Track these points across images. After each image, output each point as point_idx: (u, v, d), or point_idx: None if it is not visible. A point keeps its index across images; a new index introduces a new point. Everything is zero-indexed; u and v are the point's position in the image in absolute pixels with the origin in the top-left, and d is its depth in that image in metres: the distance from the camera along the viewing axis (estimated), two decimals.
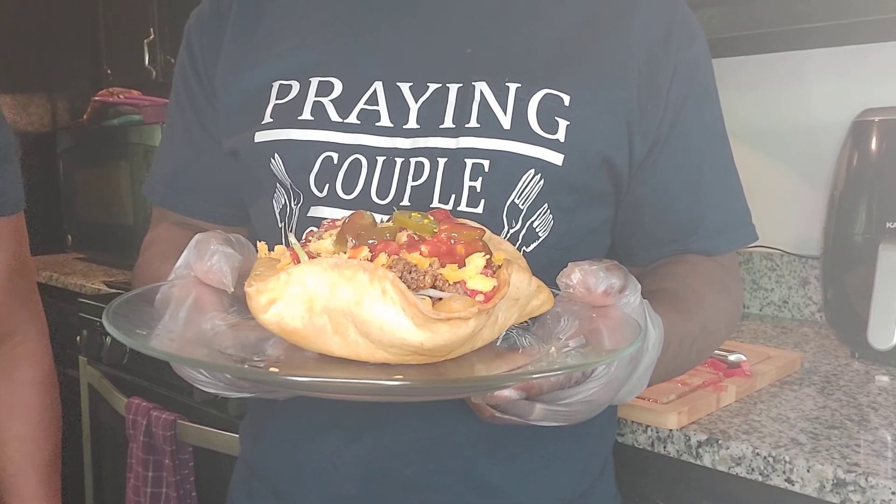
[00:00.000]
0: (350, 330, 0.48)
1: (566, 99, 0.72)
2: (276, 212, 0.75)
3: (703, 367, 1.10)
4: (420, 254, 0.51)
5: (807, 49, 1.50)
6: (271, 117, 0.74)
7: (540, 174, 0.71)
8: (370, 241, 0.51)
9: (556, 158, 0.71)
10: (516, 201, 0.71)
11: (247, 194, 0.81)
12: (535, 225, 0.72)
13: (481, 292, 0.50)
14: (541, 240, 0.72)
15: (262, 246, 0.58)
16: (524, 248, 0.72)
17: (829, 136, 1.45)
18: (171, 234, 0.84)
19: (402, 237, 0.52)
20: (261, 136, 0.74)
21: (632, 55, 0.75)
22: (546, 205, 0.72)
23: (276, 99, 0.75)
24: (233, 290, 0.57)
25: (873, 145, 1.26)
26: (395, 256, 0.50)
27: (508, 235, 0.71)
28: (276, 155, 0.73)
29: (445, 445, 0.72)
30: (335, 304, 0.47)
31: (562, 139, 0.71)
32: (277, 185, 0.75)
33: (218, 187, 0.84)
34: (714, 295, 0.76)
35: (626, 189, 0.76)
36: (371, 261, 0.50)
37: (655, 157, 0.76)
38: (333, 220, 0.57)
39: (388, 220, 0.56)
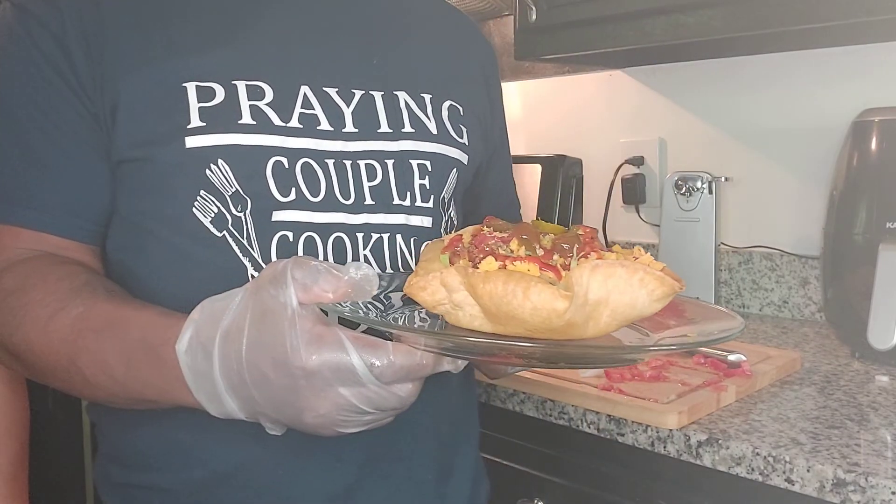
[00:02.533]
0: (605, 314, 0.58)
1: (461, 109, 0.87)
2: (206, 221, 0.72)
3: (703, 367, 1.10)
4: (606, 251, 0.62)
5: (806, 49, 1.50)
6: (202, 121, 0.71)
7: (457, 171, 0.85)
8: (565, 246, 0.60)
9: (465, 158, 0.86)
10: (445, 196, 0.84)
11: (137, 205, 0.73)
12: (452, 216, 0.86)
13: None
14: (456, 227, 0.86)
15: (489, 260, 0.60)
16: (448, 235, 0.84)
17: (829, 136, 1.45)
18: (59, 282, 0.69)
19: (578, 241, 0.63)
20: (194, 142, 0.71)
21: (480, 76, 0.94)
22: (453, 199, 0.86)
23: (200, 102, 0.71)
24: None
25: (873, 145, 1.26)
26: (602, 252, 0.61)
27: (446, 226, 0.84)
28: (219, 161, 0.71)
29: (421, 418, 0.79)
30: (601, 296, 0.57)
31: (467, 143, 0.86)
32: (202, 192, 0.72)
33: (91, 200, 0.74)
34: None
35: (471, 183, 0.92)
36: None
37: (494, 160, 0.97)
38: (492, 232, 0.63)
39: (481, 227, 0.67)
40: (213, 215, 0.72)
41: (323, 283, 0.55)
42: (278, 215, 0.73)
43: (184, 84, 0.72)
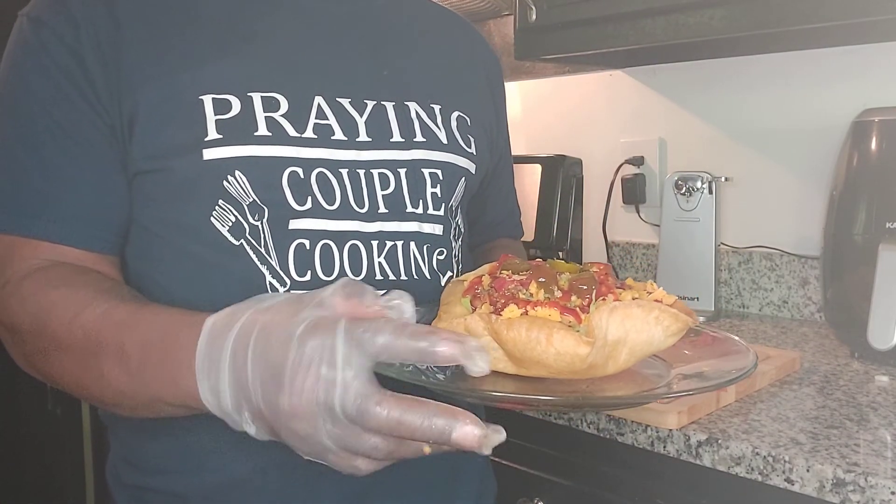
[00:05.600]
0: (623, 352, 0.61)
1: (469, 119, 0.88)
2: (224, 230, 0.73)
3: None
4: (621, 290, 0.65)
5: (806, 49, 1.50)
6: (219, 133, 0.72)
7: (465, 180, 0.87)
8: (583, 287, 0.63)
9: (472, 168, 0.88)
10: (453, 204, 0.85)
11: (154, 214, 0.74)
12: (459, 223, 0.88)
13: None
14: (462, 235, 0.89)
15: (511, 308, 0.62)
16: (457, 242, 0.86)
17: (829, 136, 1.45)
18: (84, 286, 0.69)
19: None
20: (212, 154, 0.72)
21: (487, 83, 0.96)
22: (460, 207, 0.88)
23: (217, 114, 0.72)
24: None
25: (873, 145, 1.26)
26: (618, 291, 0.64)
27: (454, 232, 0.86)
28: (236, 172, 0.72)
29: None
30: (619, 336, 0.60)
31: (475, 152, 0.88)
32: (220, 202, 0.73)
33: (110, 211, 0.74)
34: None
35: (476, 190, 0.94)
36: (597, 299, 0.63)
37: (499, 167, 1.00)
38: (511, 276, 0.65)
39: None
40: (230, 224, 0.73)
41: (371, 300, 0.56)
42: (295, 224, 0.74)
43: (200, 96, 0.72)
